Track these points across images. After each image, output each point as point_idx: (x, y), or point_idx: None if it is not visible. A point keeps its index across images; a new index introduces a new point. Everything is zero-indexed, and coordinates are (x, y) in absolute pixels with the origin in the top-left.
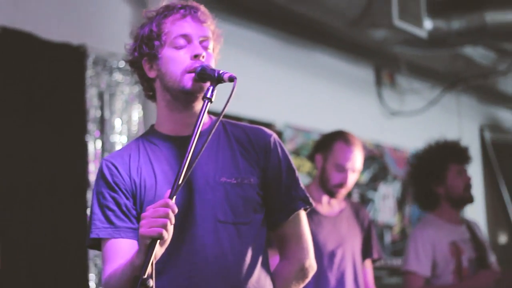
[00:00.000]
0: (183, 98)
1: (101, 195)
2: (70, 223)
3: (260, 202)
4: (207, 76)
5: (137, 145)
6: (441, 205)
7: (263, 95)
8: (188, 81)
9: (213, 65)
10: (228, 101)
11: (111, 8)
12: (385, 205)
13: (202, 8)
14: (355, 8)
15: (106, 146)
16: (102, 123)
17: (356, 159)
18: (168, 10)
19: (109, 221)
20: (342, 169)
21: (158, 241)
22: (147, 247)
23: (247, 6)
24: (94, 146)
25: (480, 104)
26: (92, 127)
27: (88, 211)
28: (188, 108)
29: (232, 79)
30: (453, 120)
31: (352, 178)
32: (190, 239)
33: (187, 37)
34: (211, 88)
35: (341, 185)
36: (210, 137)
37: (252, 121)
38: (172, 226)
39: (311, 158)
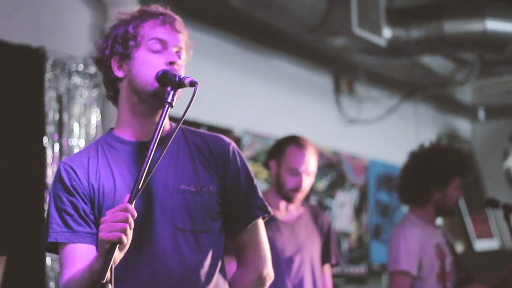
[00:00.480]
0: (150, 102)
1: (59, 198)
2: (27, 226)
3: (218, 210)
4: (167, 81)
5: (96, 148)
6: (427, 207)
7: (222, 101)
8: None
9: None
10: (188, 107)
11: (71, 11)
12: (342, 213)
13: (179, 18)
14: (314, 15)
15: (64, 149)
16: (60, 126)
17: (310, 162)
18: (147, 15)
19: (67, 226)
20: (296, 173)
21: (117, 245)
22: (106, 252)
23: (206, 11)
24: (52, 149)
25: (437, 113)
26: (50, 130)
27: (46, 215)
28: (151, 114)
29: (193, 84)
30: (411, 129)
31: (307, 181)
32: (149, 246)
33: (163, 43)
34: (172, 92)
35: (297, 189)
36: (169, 143)
37: (210, 127)
38: (132, 231)
39: (266, 165)
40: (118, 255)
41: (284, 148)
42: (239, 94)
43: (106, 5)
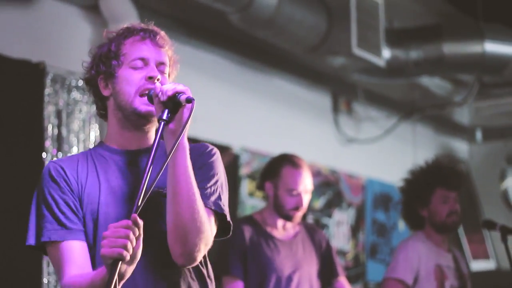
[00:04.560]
0: (134, 120)
1: (51, 196)
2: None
3: None
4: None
5: (85, 155)
6: (426, 228)
7: (221, 118)
8: (140, 104)
9: None
10: (185, 125)
11: (71, 27)
12: (339, 231)
13: (162, 33)
14: (314, 35)
15: None
16: (59, 141)
17: (307, 180)
18: (128, 32)
19: (61, 223)
20: (296, 193)
21: (120, 261)
22: (109, 267)
23: (206, 29)
24: None
25: (435, 134)
26: (49, 145)
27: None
28: (138, 129)
29: (189, 100)
30: (409, 149)
31: (306, 199)
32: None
33: (144, 60)
34: (167, 110)
35: (297, 208)
36: (153, 156)
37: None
38: (134, 246)
39: (261, 187)
40: (129, 269)
41: (280, 170)
42: (237, 112)
43: (106, 20)
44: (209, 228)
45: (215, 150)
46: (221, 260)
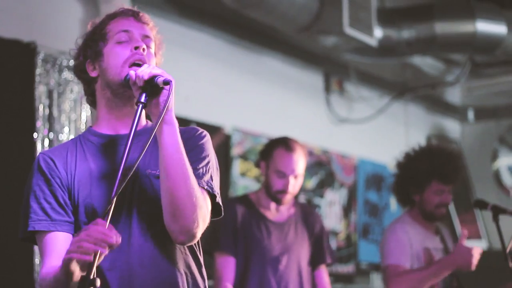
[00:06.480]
0: (121, 93)
1: (38, 187)
2: (16, 222)
3: None
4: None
5: (75, 142)
6: (414, 209)
7: (212, 98)
8: (126, 72)
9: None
10: (165, 105)
11: (62, 6)
12: (331, 211)
13: (145, 14)
14: (306, 14)
15: (54, 144)
16: (50, 121)
17: (297, 165)
18: (112, 14)
19: (46, 214)
20: (283, 175)
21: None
22: (84, 268)
23: (199, 8)
24: (42, 144)
25: (427, 113)
26: (40, 125)
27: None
28: (126, 106)
29: (167, 82)
30: (401, 129)
31: (294, 183)
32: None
33: (129, 33)
34: (144, 93)
35: (284, 191)
36: (130, 140)
37: (200, 124)
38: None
39: (257, 165)
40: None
41: (272, 150)
42: (229, 92)
43: (97, 0)
44: (205, 204)
45: (205, 132)
46: (213, 236)
